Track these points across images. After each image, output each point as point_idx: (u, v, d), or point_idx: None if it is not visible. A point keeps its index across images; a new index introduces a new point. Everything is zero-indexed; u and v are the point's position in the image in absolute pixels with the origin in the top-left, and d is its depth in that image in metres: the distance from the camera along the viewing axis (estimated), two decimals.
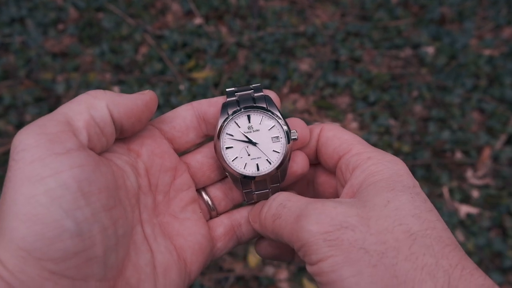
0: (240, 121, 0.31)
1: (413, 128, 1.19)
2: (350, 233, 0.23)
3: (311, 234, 0.24)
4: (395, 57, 1.33)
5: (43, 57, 1.27)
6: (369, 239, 0.23)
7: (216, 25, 1.37)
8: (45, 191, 0.22)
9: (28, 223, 0.21)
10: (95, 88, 1.22)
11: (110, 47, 1.30)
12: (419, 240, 0.23)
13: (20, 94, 1.21)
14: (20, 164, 0.22)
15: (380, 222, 0.23)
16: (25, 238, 0.21)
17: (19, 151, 0.23)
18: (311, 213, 0.25)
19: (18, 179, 0.22)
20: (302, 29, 1.36)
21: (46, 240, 0.21)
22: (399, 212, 0.24)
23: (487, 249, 1.01)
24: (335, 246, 0.23)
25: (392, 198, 0.24)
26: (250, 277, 0.99)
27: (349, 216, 0.24)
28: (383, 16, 1.39)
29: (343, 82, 1.26)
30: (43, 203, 0.21)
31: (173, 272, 0.28)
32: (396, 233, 0.23)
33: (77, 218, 0.22)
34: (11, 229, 0.21)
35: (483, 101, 1.23)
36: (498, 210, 1.06)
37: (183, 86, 1.24)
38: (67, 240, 0.21)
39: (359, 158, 0.28)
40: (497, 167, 1.13)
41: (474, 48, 1.33)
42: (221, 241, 0.32)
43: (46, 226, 0.21)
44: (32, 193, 0.22)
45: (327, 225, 0.24)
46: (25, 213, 0.21)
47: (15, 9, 1.35)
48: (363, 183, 0.26)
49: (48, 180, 0.22)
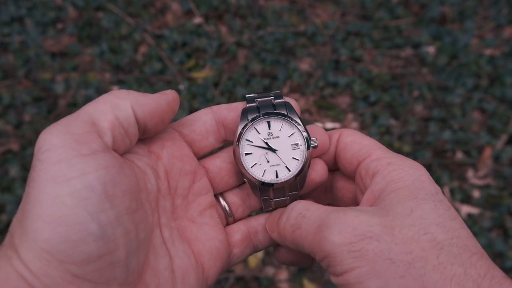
0: (260, 127, 0.31)
1: (414, 128, 1.18)
2: (375, 243, 0.23)
3: (334, 245, 0.23)
4: (396, 56, 1.32)
5: (42, 56, 1.27)
6: (395, 249, 0.22)
7: (216, 25, 1.37)
8: (71, 192, 0.21)
9: (52, 225, 0.21)
10: (95, 88, 1.22)
11: (110, 46, 1.30)
12: (446, 249, 0.22)
13: (19, 94, 1.20)
14: (45, 164, 0.22)
15: (404, 231, 0.23)
16: (49, 240, 0.21)
17: (44, 151, 0.22)
18: (333, 223, 0.24)
19: (43, 179, 0.22)
20: (302, 28, 1.36)
21: (70, 243, 0.21)
22: (423, 221, 0.23)
23: (488, 249, 1.01)
24: (360, 257, 0.23)
25: (415, 206, 0.24)
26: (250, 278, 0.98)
27: (372, 225, 0.23)
28: (384, 15, 1.39)
29: (344, 82, 1.25)
30: (68, 205, 0.21)
31: (191, 277, 0.28)
32: (422, 242, 0.23)
33: (102, 221, 0.22)
34: (35, 230, 0.21)
35: (484, 101, 1.23)
36: (499, 210, 1.06)
37: (183, 86, 1.24)
38: (91, 243, 0.21)
39: (379, 164, 0.27)
40: (498, 167, 1.13)
41: (475, 47, 1.33)
42: (238, 248, 0.31)
43: (70, 229, 0.21)
44: (58, 193, 0.21)
45: (350, 235, 0.23)
46: (49, 214, 0.21)
47: (14, 9, 1.34)
48: (384, 190, 0.26)
49: (74, 182, 0.22)
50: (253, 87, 1.24)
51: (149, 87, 1.23)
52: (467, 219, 1.06)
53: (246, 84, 1.25)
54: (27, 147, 1.13)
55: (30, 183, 0.22)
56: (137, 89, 1.23)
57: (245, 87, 1.24)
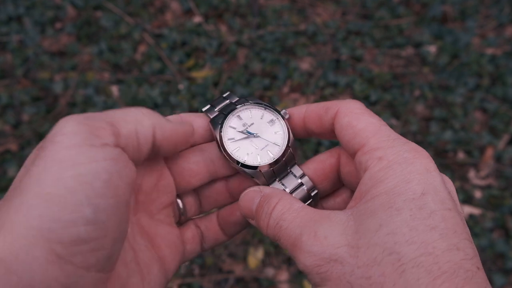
0: (234, 122, 0.32)
1: (415, 128, 1.18)
2: (339, 266, 0.23)
3: (305, 266, 0.24)
4: (397, 56, 1.31)
5: (41, 56, 1.26)
6: (356, 272, 0.22)
7: (216, 24, 1.36)
8: (75, 175, 0.22)
9: (48, 203, 0.21)
10: (94, 87, 1.22)
11: (109, 46, 1.29)
12: (408, 273, 0.21)
13: (17, 94, 1.19)
14: (56, 146, 0.22)
15: (369, 252, 0.22)
16: (41, 216, 0.21)
17: (58, 135, 0.23)
18: (304, 244, 0.25)
19: (49, 159, 0.22)
20: (302, 27, 1.35)
21: (61, 223, 0.21)
22: (391, 238, 0.22)
23: (490, 250, 1.00)
24: (325, 278, 0.23)
25: (385, 220, 0.22)
26: (250, 279, 0.98)
27: (338, 247, 0.23)
28: (385, 14, 1.38)
29: (344, 81, 1.25)
30: (69, 187, 0.22)
31: (155, 269, 0.29)
32: (383, 265, 0.22)
33: (98, 207, 0.22)
34: (29, 205, 0.21)
35: (486, 100, 1.22)
36: (501, 211, 1.05)
37: (182, 86, 1.23)
38: (81, 226, 0.22)
39: (370, 158, 0.25)
40: (500, 167, 1.12)
41: (476, 47, 1.32)
42: (189, 244, 0.32)
43: (65, 209, 0.21)
44: (61, 175, 0.22)
45: (318, 258, 0.24)
46: (48, 192, 0.21)
47: (12, 8, 1.33)
48: (366, 194, 0.24)
49: (80, 167, 0.22)
50: (253, 87, 1.24)
51: (149, 86, 1.23)
52: (469, 219, 1.05)
53: (246, 84, 1.25)
54: (26, 147, 1.12)
55: (36, 161, 0.22)
56: (136, 88, 1.22)
57: (245, 86, 1.23)
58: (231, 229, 0.33)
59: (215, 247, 0.33)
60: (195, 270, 0.99)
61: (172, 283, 0.97)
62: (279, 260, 0.99)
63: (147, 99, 1.20)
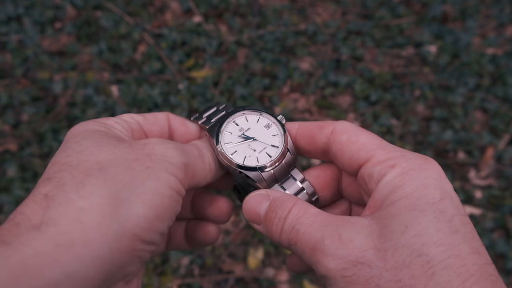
0: (230, 128, 0.32)
1: (415, 128, 1.17)
2: (367, 269, 0.22)
3: (328, 270, 0.23)
4: (397, 56, 1.31)
5: (40, 56, 1.26)
6: (385, 276, 0.22)
7: (216, 24, 1.36)
8: (169, 197, 0.25)
9: (147, 207, 0.24)
10: (93, 87, 1.21)
11: (108, 46, 1.29)
12: (438, 275, 0.21)
13: (17, 94, 1.19)
14: (163, 167, 0.26)
15: (397, 255, 0.22)
16: (139, 215, 0.24)
17: (167, 160, 0.26)
18: (328, 247, 0.24)
19: (155, 174, 0.25)
20: (302, 27, 1.35)
21: (150, 226, 0.24)
22: (418, 240, 0.22)
23: (490, 250, 1.00)
24: (352, 282, 0.23)
25: (411, 221, 0.23)
26: (250, 279, 0.98)
27: (365, 250, 0.23)
28: (385, 14, 1.38)
29: (344, 81, 1.24)
30: (165, 203, 0.25)
31: None
32: (413, 268, 0.22)
33: (169, 225, 0.26)
34: (130, 202, 0.23)
35: (486, 100, 1.22)
36: (501, 211, 1.05)
37: (182, 85, 1.23)
38: (158, 235, 0.25)
39: (383, 167, 0.25)
40: (500, 168, 1.12)
41: (477, 46, 1.32)
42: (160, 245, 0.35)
43: (156, 218, 0.24)
44: (163, 191, 0.25)
45: (343, 261, 0.23)
46: (149, 199, 0.24)
47: (12, 7, 1.33)
48: (385, 200, 0.24)
49: (173, 193, 0.26)
50: (253, 87, 1.24)
51: (149, 86, 1.22)
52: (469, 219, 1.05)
53: (246, 84, 1.24)
54: (25, 147, 1.12)
55: (140, 165, 0.25)
56: (136, 88, 1.22)
57: (245, 86, 1.23)
58: (194, 244, 0.34)
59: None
60: (195, 271, 0.99)
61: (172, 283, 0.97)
62: (279, 260, 0.99)
63: (147, 99, 1.19)
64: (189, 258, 0.99)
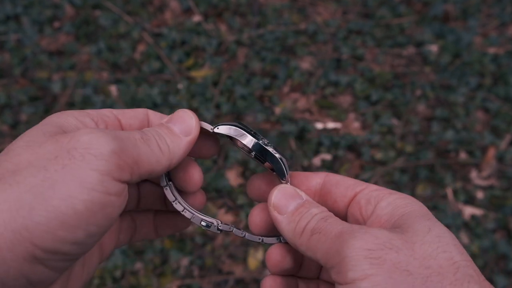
0: None
1: (417, 128, 1.17)
2: (394, 254, 0.23)
3: (353, 249, 0.23)
4: (398, 55, 1.30)
5: (39, 55, 1.25)
6: (413, 262, 0.22)
7: (215, 23, 1.35)
8: (86, 201, 0.22)
9: (51, 215, 0.22)
10: (92, 87, 1.21)
11: (107, 45, 1.28)
12: (462, 269, 0.23)
13: (15, 93, 1.19)
14: (83, 164, 0.23)
15: (424, 247, 0.23)
16: (39, 224, 0.22)
17: (90, 154, 0.23)
18: (357, 230, 0.24)
19: (70, 173, 0.22)
20: (303, 26, 1.34)
21: (53, 236, 0.22)
22: (441, 240, 0.24)
23: (492, 251, 1.00)
24: (377, 265, 0.22)
25: (432, 226, 0.24)
26: (250, 280, 0.97)
27: (393, 238, 0.23)
28: (386, 13, 1.37)
29: (345, 81, 1.24)
30: (77, 209, 0.22)
31: (94, 254, 0.30)
32: (439, 259, 0.23)
33: (90, 233, 0.23)
34: (31, 208, 0.22)
35: (488, 100, 1.21)
36: (503, 211, 1.05)
37: (182, 85, 1.22)
38: (68, 244, 0.23)
39: (381, 193, 0.27)
40: (502, 168, 1.11)
41: (478, 46, 1.31)
42: (122, 234, 0.33)
43: (62, 227, 0.22)
44: (75, 195, 0.22)
45: (371, 242, 0.23)
46: (55, 206, 0.22)
47: (10, 6, 1.32)
48: (393, 213, 0.26)
49: (95, 195, 0.23)
50: (253, 86, 1.23)
51: (148, 86, 1.22)
52: (471, 220, 1.05)
53: (246, 83, 1.24)
54: None
55: (58, 166, 0.23)
56: (135, 88, 1.21)
57: (245, 86, 1.23)
58: (165, 231, 0.33)
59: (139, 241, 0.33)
60: (194, 271, 0.99)
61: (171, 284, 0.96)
62: None
63: (146, 99, 1.19)
64: (189, 258, 0.99)
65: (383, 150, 1.13)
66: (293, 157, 1.11)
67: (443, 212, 1.04)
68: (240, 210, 1.05)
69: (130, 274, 0.96)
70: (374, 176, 1.09)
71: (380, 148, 1.14)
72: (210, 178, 1.07)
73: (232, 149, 1.12)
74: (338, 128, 1.18)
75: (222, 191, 1.07)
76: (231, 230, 0.31)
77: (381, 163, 1.12)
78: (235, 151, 1.11)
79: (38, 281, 0.23)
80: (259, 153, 0.29)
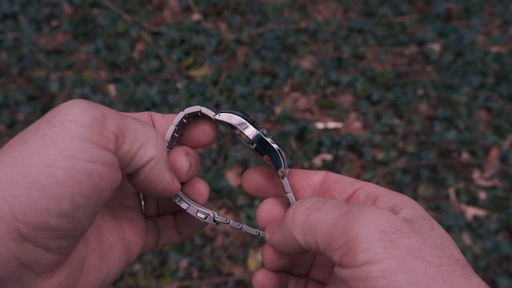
0: None
1: (418, 128, 1.16)
2: (407, 239, 0.22)
3: (365, 229, 0.21)
4: (400, 54, 1.29)
5: (36, 54, 1.24)
6: (425, 250, 0.22)
7: (215, 21, 1.34)
8: (68, 169, 0.21)
9: (30, 185, 0.21)
10: (90, 86, 1.19)
11: (106, 44, 1.27)
12: (466, 266, 0.23)
13: (12, 93, 1.17)
14: (62, 131, 0.22)
15: (431, 240, 0.23)
16: (18, 196, 0.21)
17: (69, 120, 0.22)
18: (366, 209, 0.23)
19: (51, 142, 0.21)
20: (303, 25, 1.33)
21: (35, 208, 0.21)
22: (443, 238, 0.23)
23: (495, 252, 0.99)
24: (390, 248, 0.21)
25: (433, 225, 0.24)
26: (250, 282, 0.96)
27: (404, 223, 0.23)
28: (387, 12, 1.36)
29: (346, 80, 1.23)
30: (58, 177, 0.21)
31: (118, 250, 0.28)
32: (446, 253, 0.23)
33: (78, 204, 0.22)
34: (10, 180, 0.21)
35: (491, 99, 1.20)
36: (506, 212, 1.04)
37: (181, 84, 1.21)
38: (54, 217, 0.21)
39: (381, 191, 0.27)
40: (505, 168, 1.10)
41: (481, 45, 1.30)
42: (149, 236, 0.32)
43: (43, 197, 0.21)
44: (55, 163, 0.21)
45: (384, 225, 0.22)
46: (34, 176, 0.21)
47: (8, 5, 1.31)
48: (394, 207, 0.25)
49: (77, 162, 0.22)
50: (253, 86, 1.22)
51: (147, 85, 1.21)
52: (473, 221, 1.04)
53: (245, 82, 1.22)
54: None
55: (36, 136, 0.22)
56: (134, 87, 1.20)
57: (245, 85, 1.21)
58: (186, 230, 0.33)
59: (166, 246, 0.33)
60: (193, 273, 0.98)
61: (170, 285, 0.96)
62: None
63: (145, 98, 1.18)
64: (188, 260, 0.98)
65: (384, 150, 1.12)
66: (294, 157, 1.10)
67: (445, 213, 1.03)
68: (240, 211, 1.04)
69: (129, 275, 0.96)
70: (376, 177, 1.08)
71: (381, 148, 1.13)
72: (209, 178, 1.06)
73: (233, 149, 1.11)
74: (339, 128, 1.17)
75: (222, 191, 1.06)
76: (228, 222, 0.30)
77: (382, 163, 1.11)
78: (235, 151, 1.10)
79: (32, 262, 0.22)
80: (260, 145, 0.28)
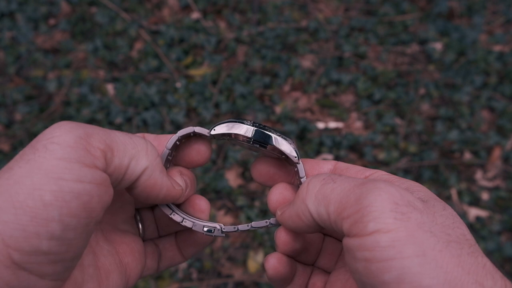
0: None
1: (420, 128, 1.15)
2: (418, 214, 0.22)
3: (379, 198, 0.22)
4: (401, 53, 1.28)
5: (34, 53, 1.23)
6: (435, 226, 0.23)
7: (214, 20, 1.33)
8: (55, 191, 0.22)
9: (18, 211, 0.21)
10: (88, 85, 1.18)
11: (104, 43, 1.26)
12: (474, 245, 0.23)
13: (10, 92, 1.16)
14: (47, 154, 0.22)
15: (442, 219, 0.24)
16: (6, 222, 0.21)
17: (53, 143, 0.23)
18: (381, 182, 0.23)
19: (36, 166, 0.22)
20: (304, 24, 1.32)
21: (25, 233, 0.21)
22: (455, 218, 0.24)
23: (498, 253, 0.98)
24: (401, 220, 0.22)
25: (445, 206, 0.25)
26: (249, 283, 0.95)
27: (416, 200, 0.23)
28: (389, 10, 1.35)
29: (347, 79, 1.21)
30: (45, 200, 0.21)
31: (115, 275, 0.28)
32: (456, 232, 0.23)
33: (68, 225, 0.22)
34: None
35: (493, 99, 1.19)
36: (509, 213, 1.03)
37: (180, 84, 1.20)
38: (45, 240, 0.21)
39: (392, 177, 0.28)
40: (508, 168, 1.09)
41: (483, 44, 1.29)
42: (149, 259, 0.32)
43: (32, 221, 0.21)
44: (42, 187, 0.21)
45: (398, 198, 0.22)
46: (21, 201, 0.21)
47: (5, 3, 1.30)
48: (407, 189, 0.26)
49: (64, 183, 0.22)
50: (253, 85, 1.20)
51: (145, 84, 1.19)
52: (476, 222, 1.03)
53: (245, 82, 1.21)
54: (18, 147, 1.09)
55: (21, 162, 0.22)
56: (132, 87, 1.19)
57: (245, 84, 1.20)
58: (189, 250, 0.33)
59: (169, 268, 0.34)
60: (193, 274, 0.97)
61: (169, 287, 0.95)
62: None
63: (144, 98, 1.16)
64: (187, 261, 0.97)
65: (386, 150, 1.11)
66: None
67: None
68: (240, 211, 1.03)
69: None
70: None
71: (383, 148, 1.12)
72: (209, 179, 1.05)
73: (232, 149, 1.10)
74: (340, 128, 1.16)
75: (222, 192, 1.05)
76: (236, 230, 0.30)
77: (384, 163, 1.10)
78: (234, 151, 1.09)
79: None
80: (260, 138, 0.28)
